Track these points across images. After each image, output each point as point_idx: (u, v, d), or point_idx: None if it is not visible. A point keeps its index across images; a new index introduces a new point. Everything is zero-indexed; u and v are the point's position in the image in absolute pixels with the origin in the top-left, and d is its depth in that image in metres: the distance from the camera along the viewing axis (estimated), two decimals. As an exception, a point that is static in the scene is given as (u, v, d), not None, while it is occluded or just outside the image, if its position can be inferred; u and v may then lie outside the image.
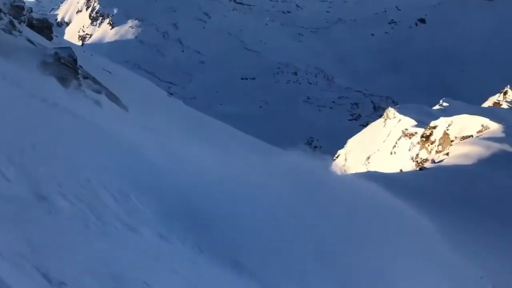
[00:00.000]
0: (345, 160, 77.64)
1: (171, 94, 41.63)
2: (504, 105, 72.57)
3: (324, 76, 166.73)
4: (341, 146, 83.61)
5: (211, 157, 11.11)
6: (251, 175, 9.98)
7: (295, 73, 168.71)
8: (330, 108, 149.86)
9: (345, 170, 70.47)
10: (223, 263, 5.24)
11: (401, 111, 67.67)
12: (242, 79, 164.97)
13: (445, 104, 71.77)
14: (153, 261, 4.26)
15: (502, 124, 43.81)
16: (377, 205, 12.35)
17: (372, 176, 30.40)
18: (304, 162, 13.29)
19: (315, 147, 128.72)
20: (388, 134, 65.64)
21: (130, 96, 17.49)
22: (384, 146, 65.01)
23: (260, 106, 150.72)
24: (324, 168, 16.90)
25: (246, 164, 12.07)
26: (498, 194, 26.90)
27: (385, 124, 71.20)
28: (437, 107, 72.76)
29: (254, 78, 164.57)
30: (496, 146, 35.16)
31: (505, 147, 34.88)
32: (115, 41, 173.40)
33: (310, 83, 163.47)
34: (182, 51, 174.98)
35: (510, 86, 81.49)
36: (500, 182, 28.63)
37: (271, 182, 9.51)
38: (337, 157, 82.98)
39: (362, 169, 59.06)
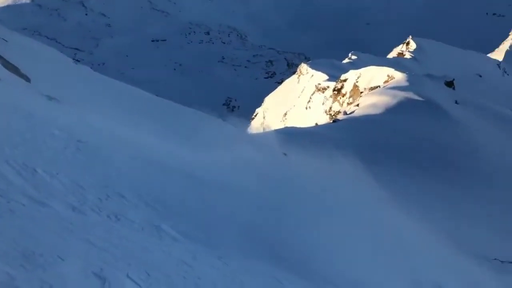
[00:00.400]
0: (264, 118, 78.90)
1: (77, 61, 39.16)
2: (407, 55, 77.02)
3: (237, 35, 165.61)
4: (259, 104, 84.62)
5: (134, 129, 10.75)
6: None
7: (208, 33, 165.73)
8: (246, 67, 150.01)
9: (264, 128, 71.76)
10: (142, 229, 5.15)
11: (313, 67, 69.47)
12: (153, 41, 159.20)
13: (353, 57, 74.67)
14: (66, 234, 4.08)
15: (406, 74, 46.53)
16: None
17: (289, 132, 31.27)
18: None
19: (234, 107, 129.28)
20: (302, 90, 67.34)
21: (31, 65, 16.14)
22: (299, 101, 66.73)
23: (174, 69, 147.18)
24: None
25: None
26: (405, 140, 28.84)
27: (299, 80, 72.86)
28: (346, 60, 75.53)
29: (165, 40, 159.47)
30: (402, 95, 37.38)
31: (410, 95, 37.19)
32: (8, 6, 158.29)
33: (224, 43, 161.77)
34: (86, 14, 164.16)
35: (412, 36, 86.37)
36: (406, 128, 30.68)
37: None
38: (255, 115, 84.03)
39: (280, 125, 60.31)
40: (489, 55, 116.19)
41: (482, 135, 32.01)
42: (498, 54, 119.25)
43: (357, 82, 51.20)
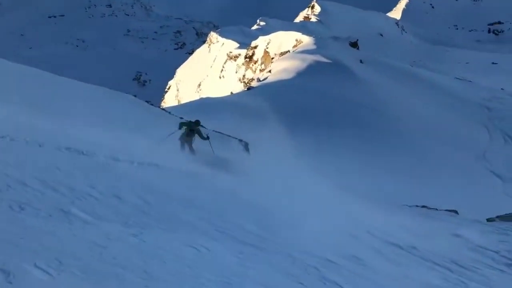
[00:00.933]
0: (177, 90, 77.36)
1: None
2: (313, 19, 78.81)
3: (142, 6, 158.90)
4: (171, 77, 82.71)
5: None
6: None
7: (110, 5, 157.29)
8: (153, 39, 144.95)
9: (178, 101, 70.51)
10: (50, 216, 4.77)
11: (223, 35, 68.80)
12: (50, 17, 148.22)
13: (262, 23, 74.95)
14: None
15: (313, 37, 47.62)
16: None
17: (206, 103, 30.89)
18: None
19: (145, 81, 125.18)
20: (214, 59, 66.64)
21: None
22: (212, 71, 66.05)
23: (77, 46, 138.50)
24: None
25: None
26: (318, 101, 29.64)
27: (210, 50, 71.90)
28: (255, 27, 75.67)
29: (63, 15, 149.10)
30: (310, 58, 38.25)
31: (318, 57, 38.15)
32: None
33: (128, 15, 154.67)
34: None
35: (316, 0, 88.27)
36: (318, 90, 31.50)
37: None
38: (168, 88, 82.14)
39: (195, 96, 59.50)
40: (387, 14, 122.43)
41: (387, 91, 33.81)
42: (395, 13, 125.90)
43: (267, 48, 51.56)
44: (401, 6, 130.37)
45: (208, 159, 12.52)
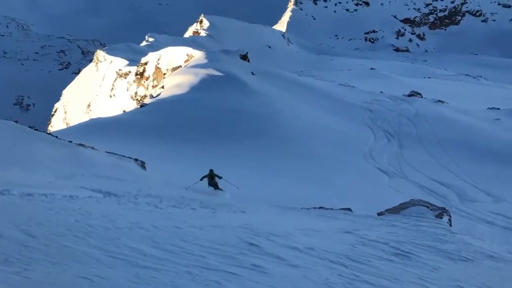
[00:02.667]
0: (65, 112, 73.12)
1: None
2: (202, 33, 79.48)
3: (18, 26, 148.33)
4: (57, 99, 78.05)
5: None
6: None
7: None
8: (34, 60, 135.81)
9: (67, 124, 66.58)
10: None
11: (110, 53, 66.57)
12: None
13: (151, 39, 73.84)
14: None
15: (204, 51, 47.95)
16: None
17: (96, 123, 29.50)
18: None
19: (28, 105, 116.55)
20: (103, 78, 64.15)
21: None
22: (101, 90, 63.47)
23: None
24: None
25: None
26: (214, 114, 29.78)
27: (97, 68, 69.12)
28: (144, 43, 74.31)
29: None
30: (203, 72, 38.42)
31: (210, 71, 38.45)
32: None
33: (3, 35, 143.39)
34: None
35: (204, 14, 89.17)
36: (213, 103, 31.68)
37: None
38: (55, 111, 77.33)
39: (85, 117, 56.64)
40: (274, 27, 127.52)
41: (280, 100, 35.03)
42: (281, 26, 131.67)
43: (158, 64, 50.84)
44: (285, 18, 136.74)
45: (102, 182, 11.93)
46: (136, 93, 53.33)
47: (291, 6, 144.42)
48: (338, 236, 7.42)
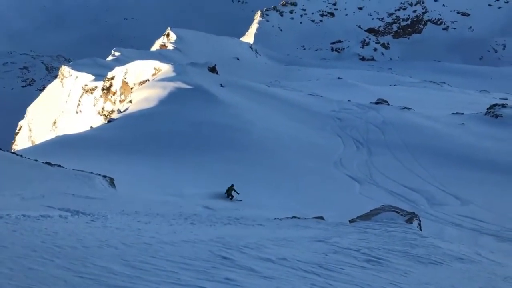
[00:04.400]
0: (30, 130, 71.32)
1: None
2: (170, 46, 79.14)
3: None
4: (21, 116, 76.08)
5: None
6: None
7: None
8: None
9: (32, 142, 64.87)
10: None
11: (76, 68, 65.48)
12: None
13: (117, 53, 73.06)
14: None
15: (172, 64, 47.72)
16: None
17: (62, 140, 28.83)
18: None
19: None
20: (69, 94, 62.97)
21: None
22: (67, 106, 62.25)
23: None
24: None
25: None
26: (184, 127, 29.56)
27: (63, 84, 67.83)
28: (110, 58, 73.43)
29: None
30: (171, 85, 38.21)
31: (179, 84, 38.27)
32: None
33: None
34: None
35: (170, 28, 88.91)
36: (183, 116, 31.47)
37: None
38: (19, 129, 75.35)
39: (51, 135, 55.39)
40: (241, 39, 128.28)
41: (250, 111, 35.13)
42: (248, 37, 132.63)
43: (125, 78, 50.27)
44: (252, 30, 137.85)
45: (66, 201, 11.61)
46: (103, 108, 52.52)
47: (257, 18, 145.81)
48: (311, 245, 7.43)
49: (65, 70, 68.80)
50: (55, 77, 78.88)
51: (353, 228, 10.43)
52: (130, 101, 39.71)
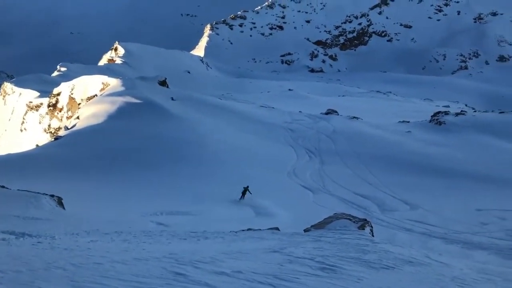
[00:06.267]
0: (-30, 151, 67.72)
1: None
2: (118, 61, 77.69)
3: None
4: (-40, 136, 72.16)
5: None
6: None
7: None
8: None
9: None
10: None
11: (19, 84, 62.99)
12: None
13: (63, 69, 70.91)
14: None
15: (120, 79, 46.83)
16: None
17: (6, 160, 27.54)
18: None
19: None
20: (12, 111, 60.40)
21: None
22: (11, 125, 59.65)
23: None
24: None
25: None
26: (135, 142, 28.97)
27: (5, 102, 65.01)
28: (55, 73, 71.19)
29: None
30: (120, 100, 37.42)
31: (128, 99, 37.55)
32: None
33: None
34: None
35: (118, 42, 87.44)
36: (133, 131, 30.87)
37: None
38: (-42, 150, 71.35)
39: (-7, 155, 52.73)
40: (192, 52, 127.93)
41: (202, 125, 34.96)
42: (198, 51, 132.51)
43: (72, 94, 48.83)
44: (202, 44, 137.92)
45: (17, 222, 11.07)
46: (49, 125, 50.69)
47: (207, 31, 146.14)
48: (266, 256, 7.43)
49: (7, 87, 66.01)
50: (-3, 94, 75.43)
51: (307, 237, 10.53)
52: (78, 117, 38.57)
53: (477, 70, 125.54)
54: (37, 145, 38.86)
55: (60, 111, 49.61)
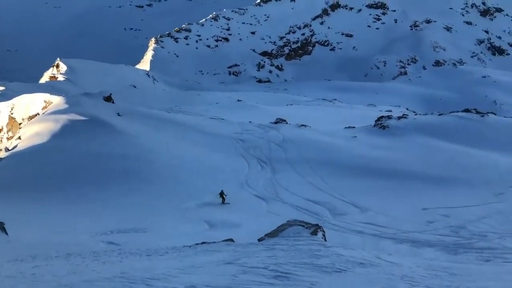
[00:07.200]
0: None
1: None
2: (60, 77, 75.16)
3: None
4: None
5: None
6: None
7: None
8: None
9: None
10: None
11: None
12: None
13: (1, 88, 67.75)
14: None
15: (63, 96, 45.30)
16: None
17: None
18: None
19: None
20: None
21: None
22: None
23: None
24: None
25: None
26: (81, 160, 28.02)
27: None
28: (-6, 92, 67.92)
29: None
30: (64, 118, 36.14)
31: (72, 116, 36.33)
32: None
33: None
34: None
35: (60, 58, 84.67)
36: (78, 149, 29.86)
37: None
38: None
39: None
40: (137, 66, 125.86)
41: (151, 139, 34.34)
42: (144, 65, 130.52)
43: (12, 113, 46.72)
44: (148, 57, 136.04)
45: None
46: (-12, 147, 48.17)
47: (152, 45, 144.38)
48: (219, 269, 7.38)
49: None
50: None
51: (261, 247, 10.55)
52: (19, 138, 36.90)
53: (415, 75, 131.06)
54: (-25, 169, 36.74)
55: (0, 132, 47.32)
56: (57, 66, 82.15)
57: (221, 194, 24.19)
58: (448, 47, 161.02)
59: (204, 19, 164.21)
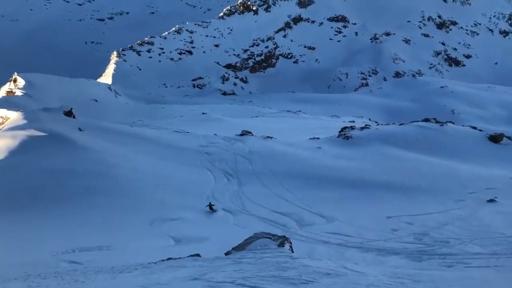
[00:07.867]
0: None
1: None
2: (18, 92, 72.94)
3: None
4: None
5: None
6: None
7: None
8: None
9: None
10: None
11: None
12: None
13: (-46, 104, 65.08)
14: None
15: (21, 112, 43.99)
16: None
17: None
18: None
19: None
20: None
21: None
22: None
23: None
24: None
25: None
26: (35, 179, 27.09)
27: None
28: None
29: None
30: (22, 134, 35.07)
31: (31, 132, 35.30)
32: None
33: None
34: None
35: (17, 73, 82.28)
36: (38, 166, 28.92)
37: None
38: None
39: None
40: (99, 80, 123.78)
41: (114, 155, 33.67)
42: (106, 78, 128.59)
43: (-34, 130, 44.93)
44: (110, 71, 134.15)
45: None
46: None
47: (114, 58, 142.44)
48: (186, 285, 7.24)
49: None
50: None
51: (228, 261, 10.45)
52: (-26, 155, 35.44)
53: (377, 86, 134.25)
54: None
55: (-47, 150, 45.31)
56: (15, 80, 79.81)
57: (210, 205, 25.10)
58: (407, 59, 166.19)
59: (167, 32, 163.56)
